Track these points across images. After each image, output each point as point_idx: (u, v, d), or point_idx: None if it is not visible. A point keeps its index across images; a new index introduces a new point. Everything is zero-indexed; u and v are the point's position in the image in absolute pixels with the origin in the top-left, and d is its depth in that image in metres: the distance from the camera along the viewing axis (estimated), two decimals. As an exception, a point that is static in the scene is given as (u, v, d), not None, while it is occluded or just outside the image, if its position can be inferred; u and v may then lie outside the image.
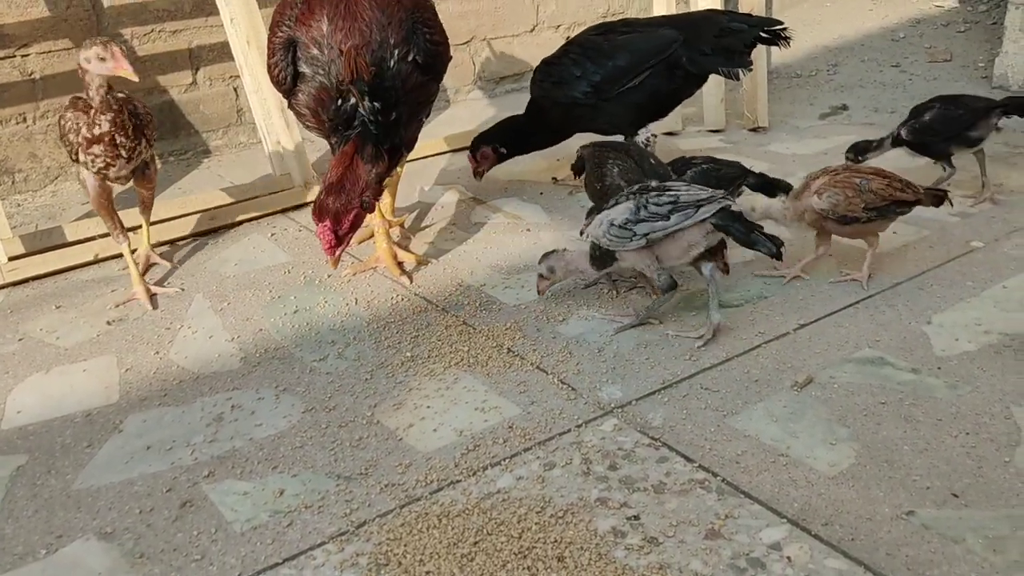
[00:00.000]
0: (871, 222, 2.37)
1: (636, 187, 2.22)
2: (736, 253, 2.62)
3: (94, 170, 2.51)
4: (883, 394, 1.94)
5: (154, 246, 2.93)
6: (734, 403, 1.95)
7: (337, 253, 2.34)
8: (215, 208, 3.19)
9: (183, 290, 2.67)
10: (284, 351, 2.30)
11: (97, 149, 2.44)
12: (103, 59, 2.35)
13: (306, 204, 3.29)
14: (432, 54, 2.49)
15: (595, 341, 2.25)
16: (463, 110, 4.62)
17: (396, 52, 2.40)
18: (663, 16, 3.16)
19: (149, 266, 2.81)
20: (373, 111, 2.29)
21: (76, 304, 2.61)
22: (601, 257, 2.25)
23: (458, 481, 1.75)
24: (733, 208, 2.12)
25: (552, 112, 3.04)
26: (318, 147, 3.93)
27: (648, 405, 1.96)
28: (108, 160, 2.47)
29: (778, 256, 2.12)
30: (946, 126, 2.86)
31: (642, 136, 2.99)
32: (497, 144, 3.15)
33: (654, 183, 2.23)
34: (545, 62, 3.06)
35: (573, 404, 1.98)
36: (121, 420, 2.03)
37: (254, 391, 2.12)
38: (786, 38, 2.93)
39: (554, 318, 2.38)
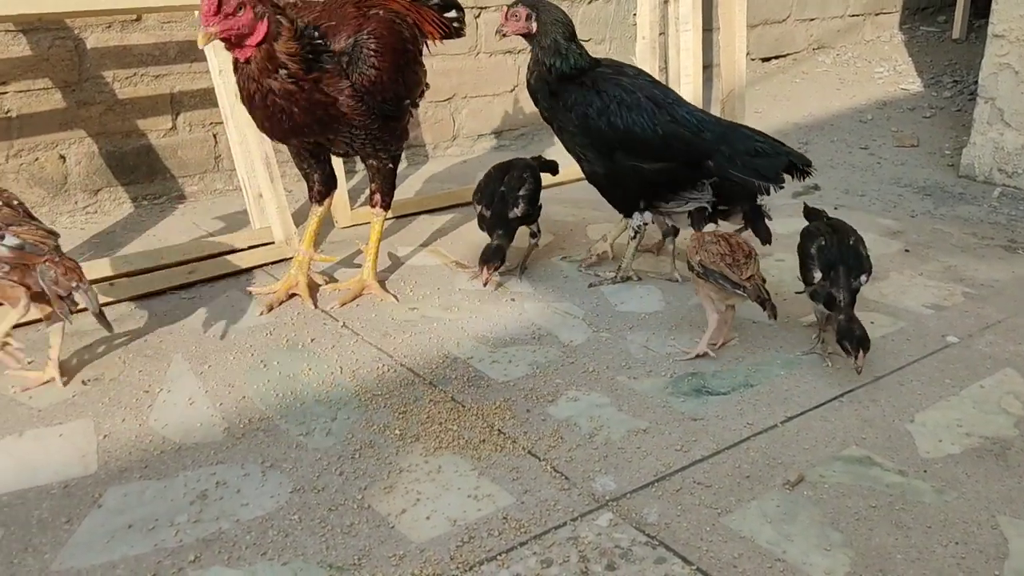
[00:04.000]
0: (700, 278, 2.50)
1: None
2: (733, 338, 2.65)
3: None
4: (873, 497, 1.97)
5: (130, 299, 2.89)
6: (727, 500, 1.95)
7: (210, 29, 2.27)
8: (194, 260, 3.13)
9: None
10: (269, 422, 2.25)
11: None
12: None
13: (287, 260, 3.26)
14: (370, 78, 2.58)
15: (585, 425, 2.24)
16: (440, 165, 4.64)
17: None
18: (701, 111, 3.01)
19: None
20: None
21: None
22: None
23: (454, 576, 1.72)
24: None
25: (567, 113, 2.93)
26: (297, 197, 3.90)
27: (643, 499, 1.95)
28: None
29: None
30: None
31: (636, 221, 3.01)
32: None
33: None
34: (594, 83, 2.89)
35: (567, 495, 1.96)
36: (100, 493, 1.95)
37: (239, 466, 2.06)
38: (806, 173, 2.84)
39: (543, 397, 2.37)
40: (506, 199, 3.03)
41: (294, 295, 2.91)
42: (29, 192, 3.53)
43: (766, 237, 2.94)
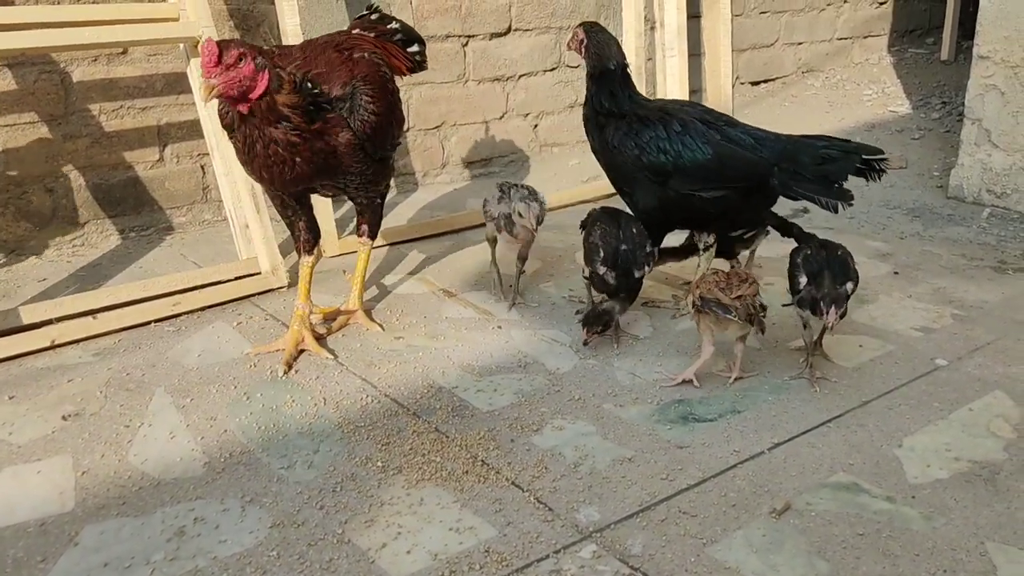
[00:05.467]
0: (699, 312, 2.50)
1: None
2: (708, 360, 2.64)
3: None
4: (860, 524, 1.94)
5: (114, 332, 2.88)
6: (713, 530, 1.92)
7: (212, 81, 2.25)
8: (179, 292, 3.12)
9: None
10: (250, 456, 2.22)
11: None
12: None
13: (273, 290, 3.25)
14: (371, 123, 2.58)
15: (570, 455, 2.22)
16: (430, 193, 4.64)
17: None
18: (756, 128, 2.90)
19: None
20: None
21: (30, 395, 2.51)
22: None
23: (434, 612, 1.69)
24: None
25: (615, 158, 2.92)
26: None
27: (626, 530, 1.93)
28: None
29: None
30: None
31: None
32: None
33: None
34: (640, 116, 2.87)
35: (551, 527, 1.93)
36: (77, 531, 1.93)
37: (219, 501, 2.04)
38: (881, 170, 2.72)
39: (528, 427, 2.35)
40: (633, 258, 2.76)
41: (304, 350, 2.78)
42: (16, 225, 3.52)
43: None
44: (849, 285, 2.49)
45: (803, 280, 2.51)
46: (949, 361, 2.70)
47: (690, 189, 2.80)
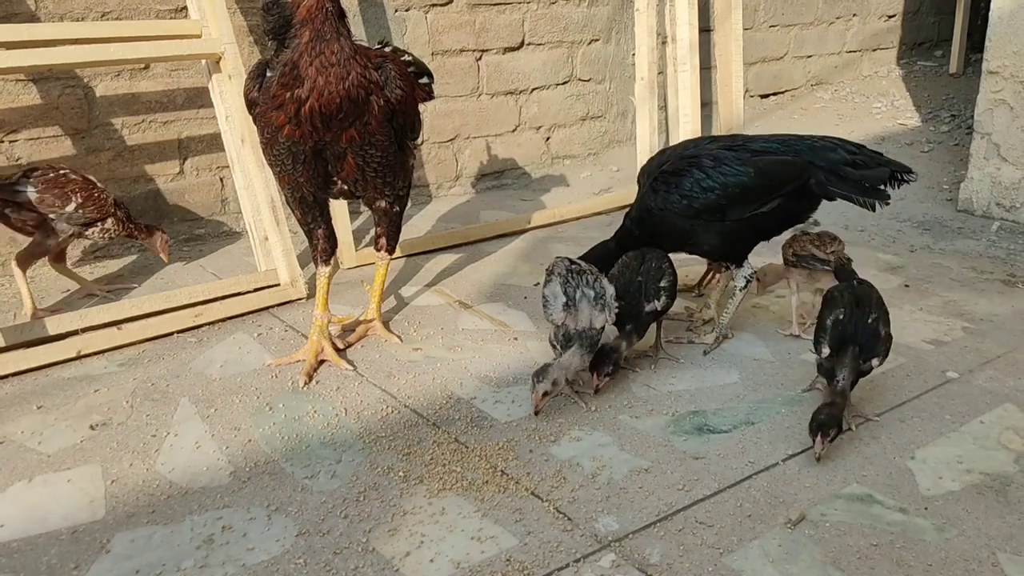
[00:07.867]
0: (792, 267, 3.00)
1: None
2: (723, 372, 2.68)
3: None
4: (874, 535, 1.98)
5: (138, 342, 2.94)
6: (729, 540, 1.96)
7: None
8: (200, 303, 3.17)
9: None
10: (275, 465, 2.27)
11: None
12: None
13: (292, 302, 3.31)
14: (398, 96, 2.67)
15: (588, 465, 2.26)
16: (444, 205, 4.69)
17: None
18: (772, 135, 2.92)
19: None
20: None
21: (58, 405, 2.56)
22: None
23: (458, 619, 1.74)
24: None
25: (663, 225, 2.89)
26: (303, 239, 3.94)
27: (645, 539, 1.97)
28: None
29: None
30: None
31: (746, 270, 2.90)
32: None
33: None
34: (668, 172, 2.85)
35: (570, 536, 1.98)
36: (108, 539, 1.98)
37: (245, 510, 2.08)
38: (907, 181, 2.80)
39: (546, 438, 2.39)
40: (643, 290, 2.73)
41: (323, 361, 2.83)
42: (39, 237, 3.58)
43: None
44: (875, 361, 2.42)
45: (825, 351, 2.43)
46: (960, 374, 2.74)
47: (749, 212, 2.78)
